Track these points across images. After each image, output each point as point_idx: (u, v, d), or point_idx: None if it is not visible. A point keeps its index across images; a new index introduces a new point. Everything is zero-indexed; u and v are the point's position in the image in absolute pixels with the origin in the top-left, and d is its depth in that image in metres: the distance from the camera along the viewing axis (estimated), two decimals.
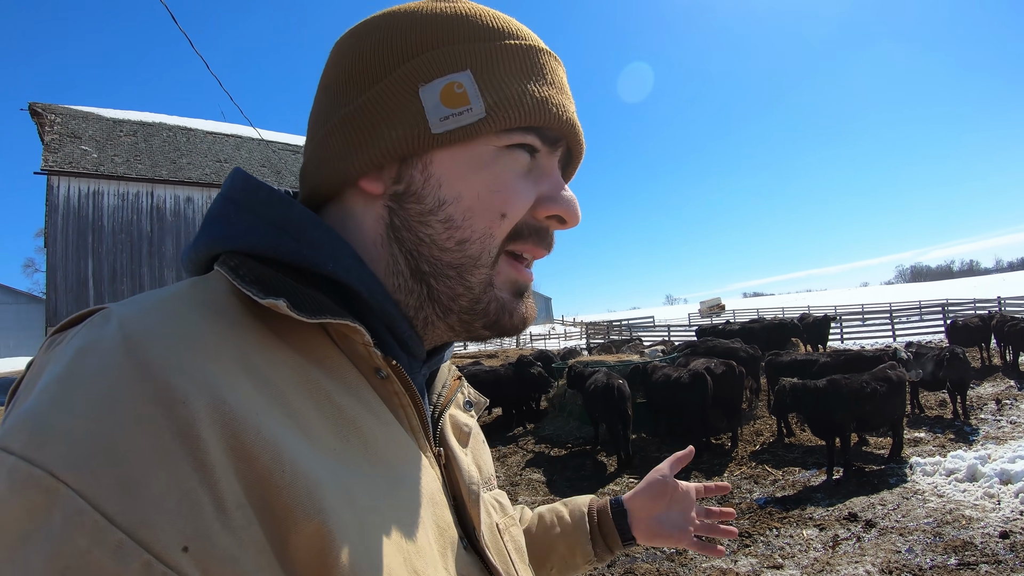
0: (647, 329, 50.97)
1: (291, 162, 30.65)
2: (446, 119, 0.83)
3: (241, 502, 0.58)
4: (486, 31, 0.88)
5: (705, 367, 13.10)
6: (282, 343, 0.75)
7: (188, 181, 26.27)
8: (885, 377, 10.83)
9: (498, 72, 0.86)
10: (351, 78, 0.89)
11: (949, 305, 36.41)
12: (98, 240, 24.56)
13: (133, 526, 0.52)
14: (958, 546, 7.26)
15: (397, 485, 0.77)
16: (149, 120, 29.96)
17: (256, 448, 0.61)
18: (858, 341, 31.39)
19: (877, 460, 10.97)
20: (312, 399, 0.72)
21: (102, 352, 0.61)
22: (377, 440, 0.77)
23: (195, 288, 0.76)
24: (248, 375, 0.67)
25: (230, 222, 0.83)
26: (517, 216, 0.88)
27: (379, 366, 0.81)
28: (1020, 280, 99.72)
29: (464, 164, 0.86)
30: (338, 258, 0.82)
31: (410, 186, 0.87)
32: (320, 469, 0.65)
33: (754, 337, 23.01)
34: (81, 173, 24.34)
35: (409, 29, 0.87)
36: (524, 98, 0.85)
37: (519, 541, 1.10)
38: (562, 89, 0.91)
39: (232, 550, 0.56)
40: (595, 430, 14.10)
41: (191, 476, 0.56)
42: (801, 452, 12.03)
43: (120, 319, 0.66)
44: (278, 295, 0.73)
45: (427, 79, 0.84)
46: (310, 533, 0.61)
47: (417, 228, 0.86)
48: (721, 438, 13.45)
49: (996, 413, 13.40)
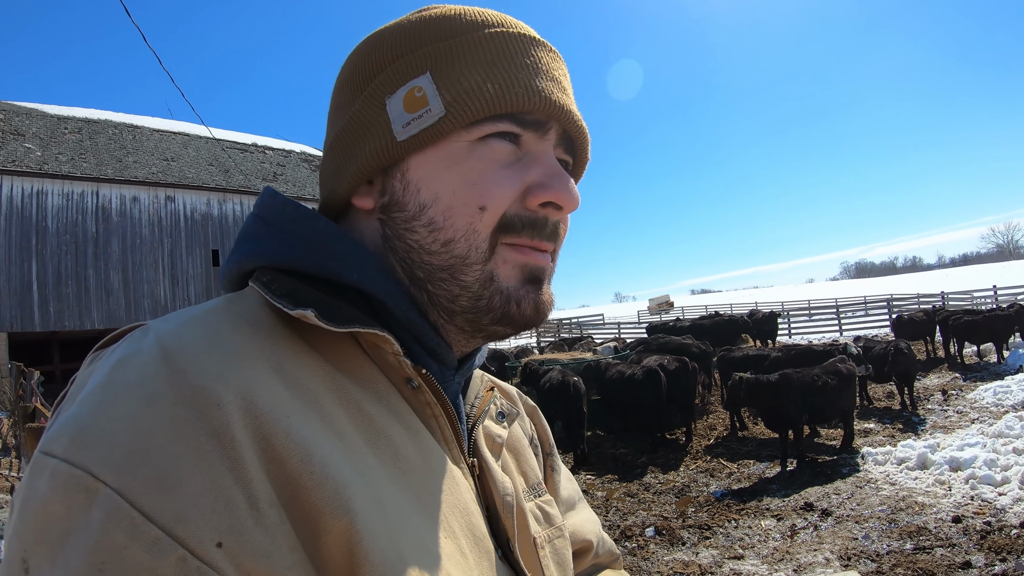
0: (597, 327, 51.28)
1: (239, 160, 30.20)
2: (408, 124, 0.84)
3: (273, 501, 0.60)
4: (452, 28, 0.87)
5: (658, 364, 13.26)
6: (314, 352, 0.76)
7: (134, 180, 25.69)
8: (835, 370, 11.06)
9: (458, 67, 0.85)
10: (338, 103, 0.94)
11: (894, 300, 37.23)
12: (42, 242, 23.92)
13: (169, 522, 0.54)
14: (913, 531, 7.43)
15: (428, 493, 0.77)
16: (94, 117, 29.32)
17: (286, 450, 0.62)
18: (805, 336, 31.99)
19: (829, 451, 11.20)
20: (343, 407, 0.73)
21: (140, 362, 0.63)
22: (407, 449, 0.77)
23: (230, 303, 0.78)
24: (281, 381, 0.68)
25: (260, 239, 0.85)
26: (500, 207, 0.84)
27: (410, 376, 0.81)
28: (962, 276, 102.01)
29: (438, 164, 0.85)
30: (364, 269, 0.83)
31: (393, 196, 0.87)
32: (349, 472, 0.66)
33: (705, 333, 23.28)
34: (24, 172, 23.67)
35: (378, 45, 0.90)
36: (485, 87, 0.83)
37: (563, 554, 1.04)
38: (541, 71, 0.88)
39: (265, 546, 0.57)
40: (550, 428, 14.03)
41: (225, 475, 0.58)
42: (755, 445, 12.23)
43: (157, 332, 0.68)
44: (307, 306, 0.74)
45: (392, 90, 0.86)
46: (339, 532, 0.61)
47: (405, 236, 0.86)
48: (676, 433, 13.63)
49: (943, 403, 13.81)
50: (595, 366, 14.61)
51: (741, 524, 8.51)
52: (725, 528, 8.44)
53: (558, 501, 1.20)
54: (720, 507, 9.25)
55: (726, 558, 7.48)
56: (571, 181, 0.88)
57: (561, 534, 1.06)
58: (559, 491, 1.23)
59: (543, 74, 0.87)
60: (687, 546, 8.00)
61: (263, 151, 32.55)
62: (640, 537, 8.40)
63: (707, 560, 7.48)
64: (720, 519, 8.75)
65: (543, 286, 0.91)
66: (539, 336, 47.21)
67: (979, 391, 14.23)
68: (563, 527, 1.08)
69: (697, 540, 8.14)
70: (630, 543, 8.26)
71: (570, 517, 1.23)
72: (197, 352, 0.65)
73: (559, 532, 1.06)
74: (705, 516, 8.97)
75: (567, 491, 1.26)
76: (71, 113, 28.71)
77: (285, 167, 31.86)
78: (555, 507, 1.10)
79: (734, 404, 11.50)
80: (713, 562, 7.41)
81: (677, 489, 10.38)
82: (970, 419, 12.29)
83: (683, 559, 7.57)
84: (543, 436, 1.26)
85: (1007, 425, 10.55)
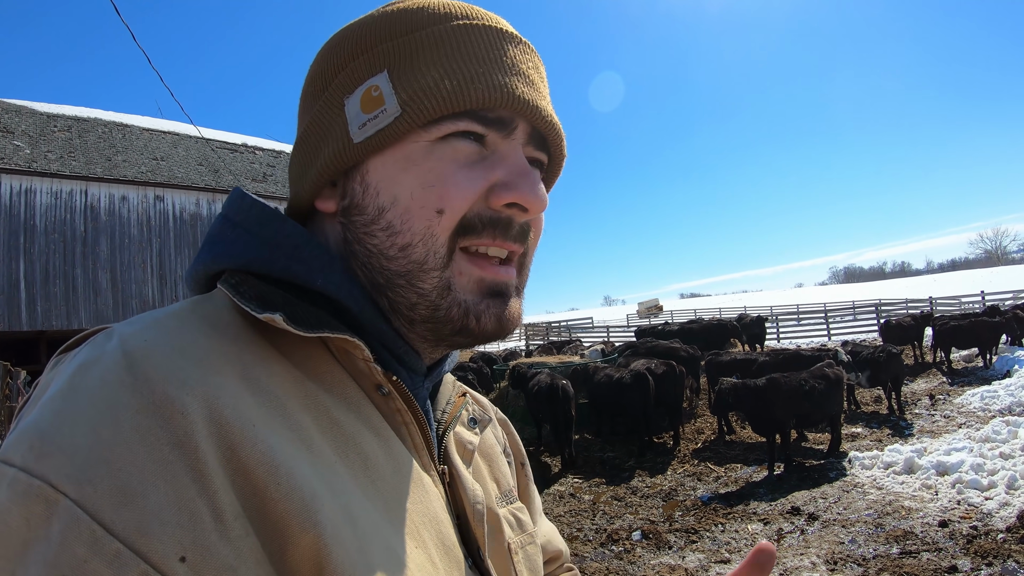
0: (586, 330, 51.30)
1: (229, 161, 30.07)
2: (364, 125, 0.81)
3: (239, 513, 0.58)
4: (413, 23, 0.84)
5: (646, 367, 13.30)
6: (282, 358, 0.75)
7: (123, 179, 25.51)
8: (823, 375, 11.10)
9: (416, 63, 0.82)
10: (304, 105, 0.92)
11: (882, 305, 37.31)
12: (30, 240, 23.73)
13: (131, 536, 0.52)
14: (899, 536, 7.46)
15: (397, 502, 0.75)
16: (84, 115, 29.02)
17: (252, 460, 0.61)
18: (794, 340, 32.13)
19: (817, 455, 11.23)
20: (311, 413, 0.72)
21: (103, 367, 0.62)
22: (377, 457, 0.75)
23: (197, 305, 0.77)
24: (248, 388, 0.67)
25: (228, 241, 0.83)
26: (460, 209, 0.81)
27: (380, 382, 0.80)
28: (951, 281, 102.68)
29: (396, 166, 0.82)
30: (328, 274, 0.81)
31: (353, 199, 0.85)
32: (317, 483, 0.64)
33: (693, 337, 23.33)
34: (13, 170, 23.47)
35: (340, 44, 0.87)
36: (442, 84, 0.80)
37: (535, 560, 1.05)
38: (506, 66, 0.84)
39: (230, 560, 0.56)
40: (538, 431, 14.13)
41: (189, 486, 0.56)
42: (742, 449, 12.26)
43: (121, 336, 0.67)
44: (275, 310, 0.72)
45: (350, 90, 0.84)
46: (306, 545, 0.60)
47: (364, 240, 0.83)
48: (663, 437, 13.65)
49: (930, 408, 13.90)
50: (583, 369, 14.62)
51: (728, 528, 8.52)
52: (712, 532, 8.44)
53: (532, 510, 1.20)
54: (707, 511, 9.25)
55: (712, 562, 7.48)
56: (538, 181, 0.85)
57: (532, 541, 1.06)
58: (533, 500, 1.23)
59: (508, 68, 0.84)
60: (674, 550, 8.00)
61: (253, 151, 32.41)
62: (627, 541, 8.41)
63: (693, 564, 7.48)
64: (707, 523, 8.76)
65: (508, 299, 0.88)
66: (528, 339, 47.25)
67: (966, 396, 14.31)
68: (535, 534, 1.08)
69: (684, 544, 8.15)
70: (617, 547, 8.26)
71: (542, 525, 1.24)
72: (161, 357, 0.63)
73: (531, 539, 1.06)
74: (692, 520, 8.98)
75: (537, 502, 1.26)
76: (61, 111, 28.44)
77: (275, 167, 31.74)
78: (527, 514, 1.10)
79: (722, 408, 11.52)
80: (699, 566, 7.41)
81: (664, 493, 10.38)
82: (957, 423, 12.35)
83: (670, 563, 7.57)
84: (515, 447, 1.25)
85: (994, 430, 10.62)
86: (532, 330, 53.61)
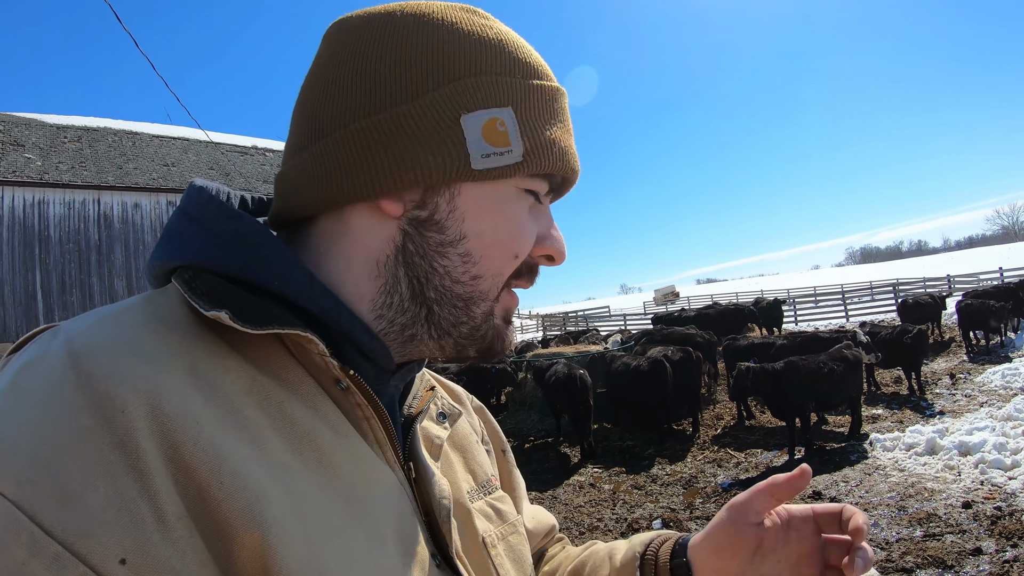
0: (603, 319, 51.37)
1: (239, 163, 30.19)
2: (487, 157, 0.80)
3: (182, 513, 0.57)
4: (523, 66, 0.85)
5: (663, 354, 13.25)
6: (236, 354, 0.73)
7: (135, 187, 25.69)
8: (841, 357, 11.01)
9: (533, 113, 0.84)
10: (375, 84, 0.82)
11: (899, 285, 37.14)
12: (45, 251, 23.93)
13: (70, 538, 0.52)
14: (922, 518, 7.38)
15: (356, 500, 0.73)
16: (94, 125, 29.17)
17: (195, 458, 0.60)
18: (812, 323, 31.93)
19: (837, 438, 11.17)
20: (263, 409, 0.70)
21: (46, 365, 0.61)
22: (335, 453, 0.74)
23: (148, 301, 0.75)
24: (196, 385, 0.66)
25: (183, 237, 0.80)
26: (525, 256, 0.88)
27: (338, 376, 0.78)
28: (968, 258, 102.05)
29: (488, 202, 0.84)
30: (286, 276, 0.78)
31: (434, 214, 0.83)
32: (266, 481, 0.63)
33: (710, 323, 23.28)
34: (25, 182, 23.68)
35: (449, 44, 0.82)
36: (554, 147, 0.84)
37: (519, 550, 1.03)
38: (572, 133, 0.91)
39: (172, 562, 0.55)
40: (557, 422, 14.14)
41: (130, 487, 0.55)
42: (762, 434, 12.20)
43: (67, 333, 0.66)
44: (223, 307, 0.70)
45: (470, 108, 0.81)
46: (251, 546, 0.59)
47: (433, 257, 0.84)
48: (682, 424, 13.61)
49: (951, 387, 13.77)
50: (600, 358, 14.61)
51: None
52: None
53: (516, 497, 1.21)
54: (727, 497, 9.11)
55: None
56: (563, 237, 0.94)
57: (516, 530, 1.05)
58: (516, 488, 1.23)
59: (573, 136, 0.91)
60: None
61: (263, 153, 32.51)
62: (647, 530, 8.32)
63: None
64: None
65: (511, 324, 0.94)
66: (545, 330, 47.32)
67: (987, 374, 14.18)
68: (518, 523, 1.07)
69: None
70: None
71: (526, 509, 1.24)
72: (104, 354, 0.62)
73: (513, 528, 1.05)
74: (712, 507, 8.93)
75: (521, 488, 1.26)
76: (70, 122, 28.61)
77: None
78: (509, 504, 1.08)
79: (740, 393, 11.48)
80: None
81: (684, 480, 10.35)
82: (979, 402, 12.23)
83: None
84: (493, 434, 1.25)
85: (1016, 408, 10.52)
86: (549, 320, 53.73)
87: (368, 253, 0.85)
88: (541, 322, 55.94)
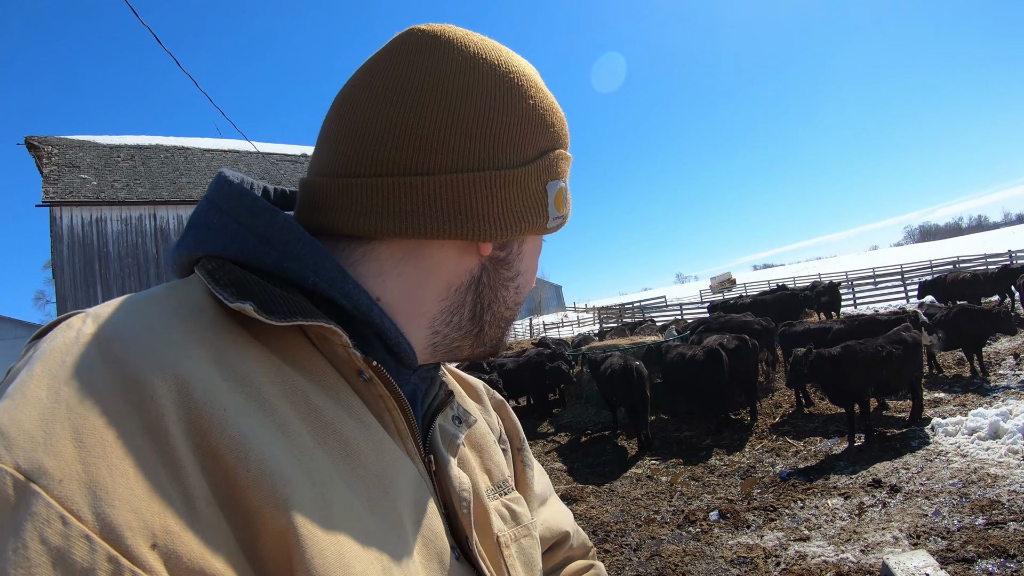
0: (659, 309, 50.86)
1: (289, 172, 30.59)
2: (555, 219, 0.96)
3: (209, 499, 0.59)
4: (568, 139, 1.00)
5: (719, 343, 13.10)
6: (259, 345, 0.75)
7: (189, 200, 26.23)
8: (900, 339, 10.76)
9: (568, 182, 1.00)
10: (493, 139, 0.86)
11: (960, 262, 36.24)
12: (105, 267, 24.55)
13: (100, 522, 0.52)
14: (985, 505, 7.22)
15: (378, 489, 0.75)
16: (146, 143, 29.88)
17: (222, 445, 0.61)
18: (871, 305, 31.28)
19: (898, 424, 10.94)
20: (288, 399, 0.72)
21: (74, 351, 0.62)
22: (358, 443, 0.75)
23: (173, 289, 0.77)
24: (222, 373, 0.67)
25: (213, 228, 0.82)
26: None
27: (360, 368, 0.80)
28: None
29: (533, 248, 1.02)
30: (320, 271, 0.81)
31: (508, 255, 0.96)
32: (291, 469, 0.64)
33: (766, 309, 22.94)
34: (82, 202, 24.32)
35: (548, 115, 0.95)
36: (568, 208, 1.00)
37: (530, 554, 1.05)
38: None
39: (201, 546, 0.56)
40: (613, 414, 14.14)
41: (160, 472, 0.56)
42: (821, 421, 12.01)
43: (95, 320, 0.67)
44: (247, 299, 0.72)
45: (552, 178, 0.94)
46: (276, 532, 0.60)
47: (499, 289, 0.97)
48: (740, 413, 13.48)
49: (1015, 368, 13.32)
50: (656, 349, 14.53)
51: (807, 504, 8.37)
52: (791, 509, 8.32)
53: (530, 498, 1.23)
54: (786, 487, 9.10)
55: (791, 540, 7.37)
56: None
57: (529, 533, 1.07)
58: (532, 487, 1.26)
59: None
60: (752, 529, 7.92)
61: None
62: (704, 522, 8.34)
63: (772, 543, 7.38)
64: (786, 500, 8.62)
65: None
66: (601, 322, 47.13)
67: None
68: (532, 526, 1.09)
69: (762, 522, 8.05)
70: (694, 528, 8.22)
71: (543, 511, 1.27)
72: (132, 340, 0.64)
73: (527, 531, 1.07)
74: (770, 497, 8.85)
75: (540, 486, 1.29)
76: (123, 141, 29.32)
77: None
78: (524, 505, 1.11)
79: (796, 380, 11.28)
80: (778, 544, 7.31)
81: (742, 470, 10.27)
82: None
83: (747, 543, 7.49)
84: (512, 431, 1.29)
85: None
86: (606, 313, 53.52)
87: (444, 279, 0.91)
88: (597, 314, 55.78)
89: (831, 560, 6.69)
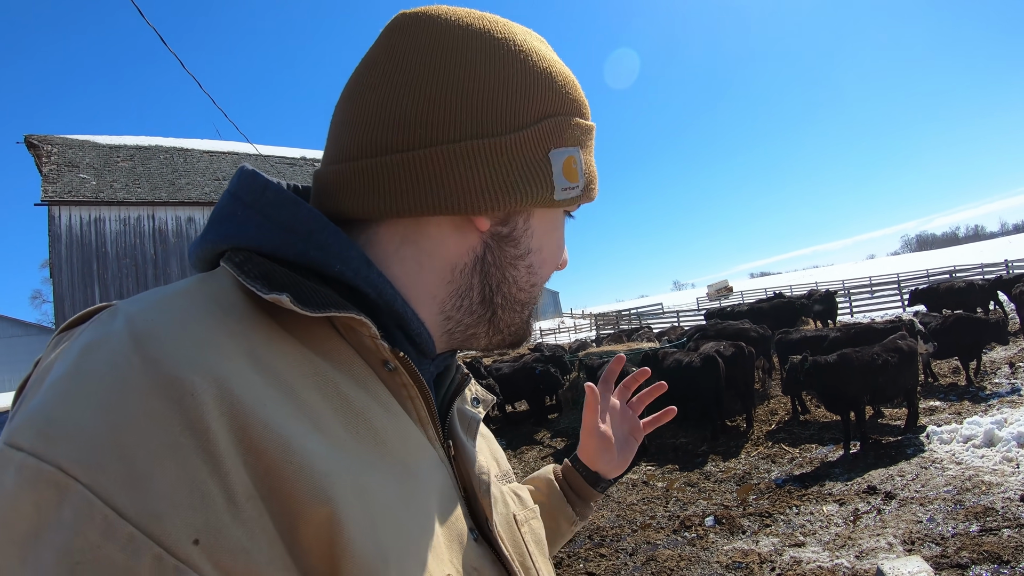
0: (656, 316, 50.89)
1: (290, 175, 30.56)
2: (565, 190, 0.91)
3: (251, 493, 0.59)
4: (581, 106, 0.96)
5: (715, 350, 13.10)
6: (290, 337, 0.76)
7: (188, 201, 26.19)
8: (896, 348, 10.79)
9: (587, 152, 0.96)
10: (481, 107, 0.86)
11: (956, 271, 36.28)
12: (103, 267, 24.49)
13: (143, 520, 0.52)
14: (979, 512, 7.24)
15: (407, 476, 0.77)
16: (145, 144, 29.89)
17: (264, 440, 0.61)
18: (868, 314, 31.24)
19: (894, 431, 10.94)
20: (320, 391, 0.73)
21: (110, 348, 0.61)
22: (387, 431, 0.77)
23: (202, 284, 0.77)
24: (256, 368, 0.67)
25: (238, 221, 0.82)
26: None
27: (387, 358, 0.81)
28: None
29: (548, 222, 0.97)
30: (346, 259, 0.81)
31: (513, 231, 0.93)
32: (329, 460, 0.65)
33: (763, 316, 22.90)
34: (81, 201, 24.26)
35: (545, 80, 0.91)
36: (595, 182, 0.98)
37: (539, 534, 1.11)
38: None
39: (243, 542, 0.56)
40: None
41: (201, 468, 0.56)
42: (817, 428, 12.01)
43: (127, 315, 0.66)
44: (282, 290, 0.73)
45: (556, 145, 0.90)
46: (319, 522, 0.61)
47: (506, 268, 0.94)
48: (736, 420, 13.47)
49: (1010, 376, 13.37)
50: (652, 355, 14.52)
51: (803, 510, 8.38)
52: (786, 515, 8.33)
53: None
54: (781, 493, 9.12)
55: (787, 545, 7.39)
56: None
57: (536, 516, 1.15)
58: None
59: None
60: (747, 534, 7.92)
61: (312, 164, 32.83)
62: (700, 527, 8.34)
63: (767, 548, 7.40)
64: (781, 506, 8.63)
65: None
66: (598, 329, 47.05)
67: None
68: (536, 510, 1.17)
69: (757, 528, 8.06)
70: (690, 533, 8.22)
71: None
72: (169, 338, 0.64)
73: (534, 514, 1.15)
74: (766, 503, 8.86)
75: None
76: (122, 142, 29.28)
77: None
78: (527, 492, 1.22)
79: (792, 388, 11.28)
80: (773, 550, 7.33)
81: (738, 477, 10.26)
82: None
83: (743, 548, 7.50)
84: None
85: None
86: (602, 319, 53.40)
87: (446, 260, 0.90)
88: (594, 321, 55.62)
89: (826, 566, 6.71)
